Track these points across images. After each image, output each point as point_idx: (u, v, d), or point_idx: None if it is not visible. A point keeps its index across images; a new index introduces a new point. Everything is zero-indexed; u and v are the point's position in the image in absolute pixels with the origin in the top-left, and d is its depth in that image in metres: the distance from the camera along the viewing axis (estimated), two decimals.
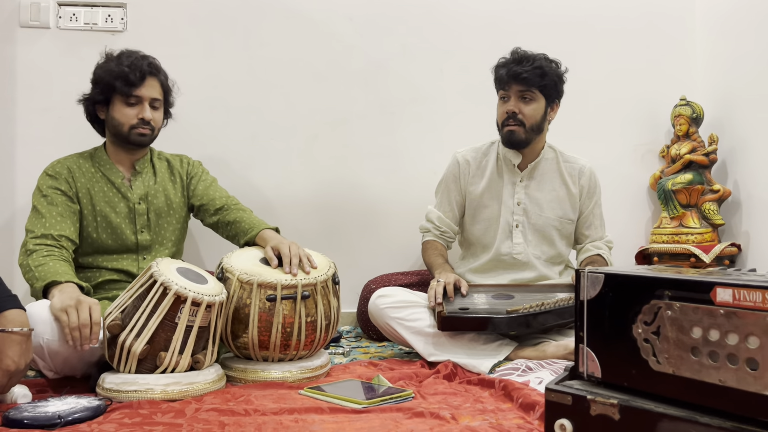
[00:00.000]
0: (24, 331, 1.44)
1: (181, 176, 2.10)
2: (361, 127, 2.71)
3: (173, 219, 2.06)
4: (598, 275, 1.10)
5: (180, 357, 1.56)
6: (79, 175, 1.96)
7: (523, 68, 2.06)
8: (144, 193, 2.01)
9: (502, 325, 1.84)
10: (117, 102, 1.95)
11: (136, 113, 1.94)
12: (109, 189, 1.98)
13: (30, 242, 1.81)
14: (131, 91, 1.93)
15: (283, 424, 1.32)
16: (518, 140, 2.11)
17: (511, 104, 2.10)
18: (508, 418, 1.36)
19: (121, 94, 1.93)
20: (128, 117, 1.94)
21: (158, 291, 1.55)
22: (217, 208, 2.07)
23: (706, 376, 0.95)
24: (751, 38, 2.53)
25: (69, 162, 1.98)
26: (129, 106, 1.94)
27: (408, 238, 2.58)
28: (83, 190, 1.95)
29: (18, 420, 1.29)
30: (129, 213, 1.98)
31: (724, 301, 0.94)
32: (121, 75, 1.92)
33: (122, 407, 1.43)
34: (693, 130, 2.68)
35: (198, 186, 2.11)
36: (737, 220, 2.62)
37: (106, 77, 1.94)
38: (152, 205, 2.01)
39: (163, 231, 2.03)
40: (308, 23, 2.68)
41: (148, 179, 2.04)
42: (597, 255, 2.21)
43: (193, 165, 2.16)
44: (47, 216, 1.87)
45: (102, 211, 1.95)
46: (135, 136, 1.95)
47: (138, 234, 1.98)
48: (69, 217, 1.90)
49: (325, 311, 1.78)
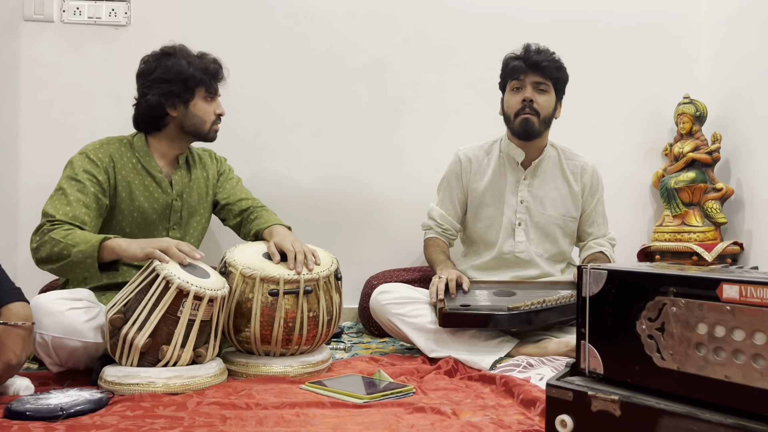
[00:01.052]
0: (26, 325, 1.45)
1: (213, 173, 2.09)
2: (364, 123, 2.71)
3: (202, 218, 2.05)
4: (600, 272, 1.10)
5: (182, 351, 1.56)
6: (120, 166, 1.88)
7: (542, 57, 2.07)
8: (181, 190, 1.98)
9: (503, 322, 1.84)
10: (199, 99, 1.94)
11: (213, 109, 1.97)
12: (150, 182, 1.92)
13: (47, 224, 1.71)
14: (216, 86, 1.96)
15: (284, 418, 1.32)
16: (533, 129, 2.10)
17: (527, 92, 2.09)
18: (508, 414, 1.36)
19: (207, 90, 1.94)
20: (209, 114, 1.96)
21: (161, 285, 1.55)
22: (243, 209, 2.06)
23: (711, 372, 0.95)
24: (755, 37, 2.52)
25: (112, 149, 1.89)
26: (208, 102, 1.96)
27: (410, 235, 2.58)
28: (123, 183, 1.88)
29: (20, 412, 1.30)
30: (165, 209, 1.94)
31: (730, 298, 0.94)
32: (213, 72, 1.94)
33: (124, 400, 1.43)
34: (696, 129, 2.67)
35: (225, 184, 2.10)
36: (740, 218, 2.62)
37: (194, 73, 1.90)
38: (186, 203, 1.99)
39: (191, 229, 2.02)
40: (311, 19, 2.68)
41: (184, 175, 2.00)
42: (600, 252, 2.21)
43: (222, 162, 2.16)
44: (74, 204, 1.75)
45: (140, 206, 1.90)
46: (213, 133, 1.99)
47: (170, 231, 1.96)
48: (95, 210, 1.80)
49: (327, 306, 1.78)
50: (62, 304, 1.60)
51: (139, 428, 1.24)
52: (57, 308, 1.59)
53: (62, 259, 1.67)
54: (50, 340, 1.58)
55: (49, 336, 1.57)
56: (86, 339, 1.61)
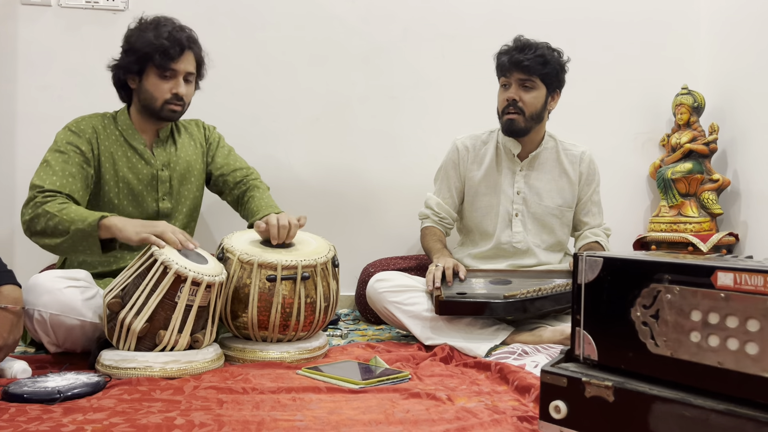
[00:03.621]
0: (16, 309, 1.45)
1: (200, 141, 2.08)
2: (362, 110, 2.71)
3: (193, 186, 2.03)
4: (596, 259, 1.11)
5: (179, 336, 1.57)
6: (104, 137, 1.89)
7: (525, 56, 2.05)
8: (167, 160, 1.97)
9: (499, 310, 1.85)
10: (151, 74, 1.87)
11: (170, 87, 1.87)
12: (132, 155, 1.92)
13: (38, 196, 1.71)
14: (168, 65, 1.84)
15: (280, 403, 1.33)
16: (518, 129, 2.11)
17: (511, 92, 2.09)
18: (503, 400, 1.37)
19: (157, 67, 1.84)
20: (162, 91, 1.87)
21: (158, 270, 1.55)
22: (237, 181, 2.05)
23: (704, 359, 0.96)
24: (755, 29, 2.52)
25: (95, 121, 1.90)
26: (164, 79, 1.86)
27: (407, 223, 2.59)
28: (106, 153, 1.88)
29: (17, 394, 1.30)
30: (152, 180, 1.94)
31: (724, 285, 0.94)
32: (161, 48, 1.82)
33: (121, 384, 1.44)
34: (694, 120, 2.68)
35: (217, 153, 2.09)
36: (736, 210, 2.63)
37: (144, 47, 1.83)
38: (174, 172, 1.98)
39: (183, 199, 2.01)
40: (311, 5, 2.67)
41: (170, 146, 2.00)
42: (595, 242, 2.22)
43: (210, 130, 2.12)
44: (60, 174, 1.76)
45: (125, 177, 1.90)
46: (167, 112, 1.89)
47: (159, 201, 1.95)
48: (81, 180, 1.80)
49: (325, 293, 1.79)
50: (60, 282, 1.62)
51: (136, 411, 1.25)
52: (55, 286, 1.60)
53: (60, 234, 1.68)
54: (48, 318, 1.59)
55: (47, 313, 1.58)
56: (84, 318, 1.62)
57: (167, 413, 1.24)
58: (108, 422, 1.18)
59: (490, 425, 1.19)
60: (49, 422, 1.18)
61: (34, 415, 1.22)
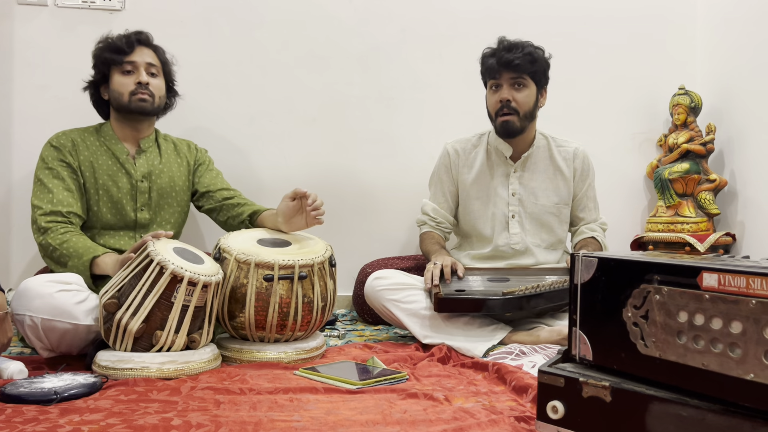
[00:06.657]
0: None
1: (188, 161, 2.13)
2: (359, 111, 2.70)
3: (174, 201, 2.07)
4: (591, 259, 1.11)
5: (176, 336, 1.57)
6: (83, 148, 1.97)
7: (514, 55, 2.06)
8: (147, 171, 2.02)
9: (497, 307, 1.85)
10: (115, 75, 1.98)
11: (133, 79, 1.97)
12: (113, 163, 1.98)
13: (40, 219, 1.85)
14: (123, 59, 1.96)
15: (278, 403, 1.33)
16: (514, 129, 2.11)
17: (503, 93, 2.10)
18: (500, 401, 1.37)
19: (114, 64, 1.97)
20: (126, 85, 1.97)
21: (154, 270, 1.55)
22: (224, 198, 2.10)
23: (690, 360, 0.96)
24: (752, 29, 2.52)
25: (73, 134, 1.99)
26: (125, 74, 1.98)
27: (404, 224, 2.59)
28: (86, 163, 1.96)
29: (14, 395, 1.30)
30: (131, 189, 1.99)
31: (709, 286, 0.94)
32: (113, 47, 1.97)
33: (118, 384, 1.44)
34: (691, 120, 2.68)
35: (205, 175, 2.14)
36: (733, 210, 2.63)
37: (101, 53, 1.99)
38: (155, 185, 2.02)
39: (163, 212, 2.04)
40: (308, 5, 2.66)
41: (153, 158, 2.05)
42: (591, 237, 2.22)
43: (202, 152, 2.19)
44: (54, 191, 1.88)
45: (104, 185, 1.96)
46: (136, 102, 1.96)
47: (138, 211, 1.99)
48: (76, 191, 1.92)
49: (322, 293, 1.78)
50: (51, 286, 1.61)
51: (132, 412, 1.25)
52: (46, 290, 1.59)
53: (62, 265, 1.81)
54: (40, 323, 1.58)
55: (38, 318, 1.57)
56: (76, 321, 1.61)
57: (164, 414, 1.24)
58: (105, 423, 1.18)
59: (488, 425, 1.19)
60: (46, 423, 1.17)
61: (31, 416, 1.22)
